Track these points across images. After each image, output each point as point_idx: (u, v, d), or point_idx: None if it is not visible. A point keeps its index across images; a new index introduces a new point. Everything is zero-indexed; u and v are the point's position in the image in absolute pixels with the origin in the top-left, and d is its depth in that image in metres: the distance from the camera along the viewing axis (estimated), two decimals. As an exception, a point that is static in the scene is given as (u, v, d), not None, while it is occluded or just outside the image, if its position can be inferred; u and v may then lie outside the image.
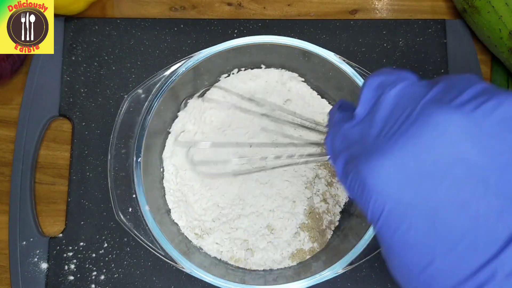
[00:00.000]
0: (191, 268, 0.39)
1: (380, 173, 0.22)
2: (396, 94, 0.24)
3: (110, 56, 0.51)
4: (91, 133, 0.49)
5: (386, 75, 0.26)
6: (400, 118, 0.23)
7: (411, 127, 0.22)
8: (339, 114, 0.29)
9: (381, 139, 0.24)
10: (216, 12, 0.53)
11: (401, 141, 0.22)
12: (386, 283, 0.46)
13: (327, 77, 0.46)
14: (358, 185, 0.24)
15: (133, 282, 0.46)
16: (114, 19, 0.52)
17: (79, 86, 0.50)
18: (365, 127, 0.25)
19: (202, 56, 0.43)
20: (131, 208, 0.41)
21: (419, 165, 0.22)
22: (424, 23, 0.51)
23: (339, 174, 0.26)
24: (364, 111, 0.26)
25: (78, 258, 0.46)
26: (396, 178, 0.22)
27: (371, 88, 0.26)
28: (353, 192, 0.24)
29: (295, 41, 0.43)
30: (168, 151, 0.46)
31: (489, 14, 0.47)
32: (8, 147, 0.50)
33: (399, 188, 0.22)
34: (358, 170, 0.24)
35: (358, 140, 0.25)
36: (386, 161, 0.22)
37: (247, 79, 0.48)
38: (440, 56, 0.50)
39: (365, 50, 0.51)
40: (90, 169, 0.48)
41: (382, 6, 0.53)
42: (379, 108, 0.25)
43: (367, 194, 0.23)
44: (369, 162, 0.23)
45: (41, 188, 0.49)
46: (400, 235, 0.22)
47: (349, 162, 0.25)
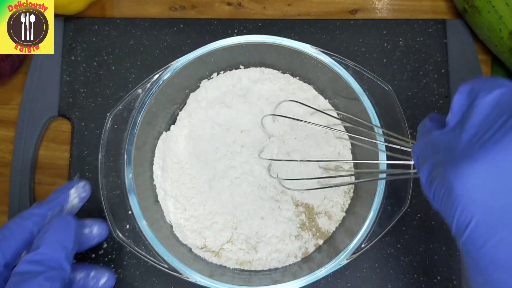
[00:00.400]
0: (196, 277, 0.39)
1: (469, 180, 0.21)
2: (492, 99, 0.23)
3: (109, 56, 0.51)
4: (90, 133, 0.49)
5: (480, 82, 0.24)
6: (496, 125, 0.22)
7: (507, 135, 0.21)
8: (429, 123, 0.27)
9: (472, 145, 0.22)
10: (216, 11, 0.53)
11: (495, 148, 0.21)
12: (386, 283, 0.46)
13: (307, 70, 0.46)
14: (444, 192, 0.22)
15: (132, 283, 0.46)
16: (114, 19, 0.52)
17: (79, 86, 0.50)
18: (456, 133, 0.24)
19: (179, 64, 0.43)
20: (128, 225, 0.41)
21: (511, 176, 0.20)
22: (425, 23, 0.51)
23: (423, 183, 0.25)
24: (456, 117, 0.25)
25: (77, 259, 0.46)
26: (487, 187, 0.21)
27: (463, 94, 0.24)
28: (438, 200, 0.23)
29: (273, 39, 0.44)
30: (158, 163, 0.46)
31: (490, 14, 0.47)
32: (7, 147, 0.49)
33: (490, 198, 0.21)
34: (445, 176, 0.22)
35: (447, 147, 0.24)
36: (477, 167, 0.21)
37: (229, 80, 0.48)
38: (440, 56, 0.50)
39: (365, 50, 0.50)
40: (89, 169, 0.48)
41: (382, 6, 0.53)
42: (473, 113, 0.23)
43: (453, 202, 0.22)
44: (457, 168, 0.22)
45: (40, 188, 0.49)
46: (488, 250, 0.21)
47: (435, 169, 0.24)
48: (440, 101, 0.49)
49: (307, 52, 0.43)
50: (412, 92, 0.50)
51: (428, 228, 0.47)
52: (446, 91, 0.49)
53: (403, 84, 0.50)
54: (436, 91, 0.50)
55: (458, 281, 0.46)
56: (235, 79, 0.48)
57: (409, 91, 0.49)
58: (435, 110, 0.49)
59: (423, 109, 0.49)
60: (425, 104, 0.49)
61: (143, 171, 0.45)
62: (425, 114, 0.48)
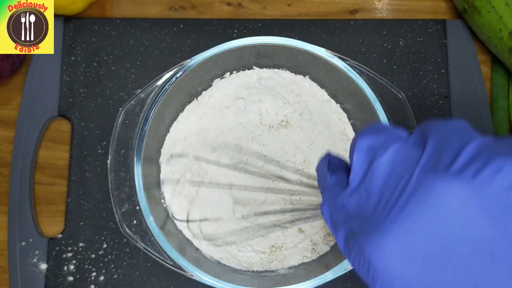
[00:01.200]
0: (200, 275, 0.39)
1: (384, 253, 0.21)
2: (388, 160, 0.23)
3: (109, 56, 0.51)
4: (90, 133, 0.49)
5: (375, 135, 0.25)
6: (397, 189, 0.22)
7: (409, 202, 0.21)
8: (331, 178, 0.27)
9: (379, 213, 0.23)
10: (215, 12, 0.53)
11: (401, 218, 0.21)
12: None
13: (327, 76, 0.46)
14: (363, 263, 0.22)
15: (132, 283, 0.46)
16: (114, 19, 0.52)
17: (79, 86, 0.50)
18: (362, 197, 0.24)
19: (193, 62, 0.43)
20: (135, 220, 0.41)
21: (423, 243, 0.21)
22: (424, 23, 0.51)
23: (342, 248, 0.25)
24: (358, 177, 0.25)
25: (77, 259, 0.46)
26: (400, 259, 0.21)
27: (362, 151, 0.25)
28: (358, 269, 0.23)
29: (289, 41, 0.43)
30: (165, 160, 0.46)
31: (490, 14, 0.47)
32: (7, 148, 0.49)
33: (405, 268, 0.21)
34: (361, 248, 0.22)
35: (357, 213, 0.24)
36: (388, 241, 0.21)
37: (241, 80, 0.48)
38: (440, 56, 0.50)
39: (365, 50, 0.50)
40: (89, 169, 0.48)
41: (382, 6, 0.53)
42: (373, 178, 0.24)
43: (373, 274, 0.22)
44: (371, 241, 0.22)
45: (40, 188, 0.49)
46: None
47: (350, 237, 0.24)
48: (440, 101, 0.49)
49: (322, 55, 0.43)
50: (412, 92, 0.49)
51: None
52: (446, 92, 0.49)
53: (403, 84, 0.50)
54: (436, 92, 0.49)
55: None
56: (247, 79, 0.48)
57: (409, 91, 0.49)
58: (435, 110, 0.49)
59: (423, 109, 0.49)
60: (425, 104, 0.49)
61: (151, 167, 0.45)
62: (425, 114, 0.49)
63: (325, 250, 0.44)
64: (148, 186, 0.42)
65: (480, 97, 0.49)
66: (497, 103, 0.50)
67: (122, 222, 0.40)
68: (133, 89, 0.50)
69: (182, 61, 0.44)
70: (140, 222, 0.41)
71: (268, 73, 0.48)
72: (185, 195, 0.45)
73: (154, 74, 0.50)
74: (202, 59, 0.43)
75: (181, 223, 0.45)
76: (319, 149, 0.46)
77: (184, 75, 0.43)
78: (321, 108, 0.47)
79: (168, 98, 0.43)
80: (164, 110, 0.44)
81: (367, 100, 0.42)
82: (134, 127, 0.42)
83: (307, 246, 0.44)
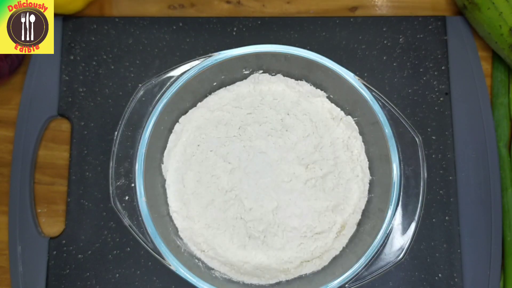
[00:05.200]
0: (178, 266, 0.38)
1: None
2: None
3: (108, 55, 0.50)
4: (90, 132, 0.49)
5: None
6: None
7: None
8: None
9: None
10: (215, 10, 0.53)
11: None
12: (387, 281, 0.46)
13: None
14: None
15: (133, 282, 0.46)
16: (113, 18, 0.51)
17: (78, 86, 0.50)
18: None
19: (221, 57, 0.42)
20: (127, 197, 0.40)
21: None
22: (425, 20, 0.51)
23: None
24: None
25: (78, 259, 0.46)
26: None
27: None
28: None
29: (316, 56, 0.42)
30: (170, 148, 0.45)
31: (490, 11, 0.46)
32: (7, 148, 0.49)
33: None
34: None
35: None
36: None
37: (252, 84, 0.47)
38: (440, 53, 0.50)
39: (365, 48, 0.50)
40: (89, 169, 0.48)
41: (382, 3, 0.53)
42: None
43: None
44: None
45: (40, 188, 0.49)
46: None
47: None
48: (440, 98, 0.49)
49: (349, 80, 0.42)
50: (412, 89, 0.49)
51: (429, 226, 0.47)
52: (446, 88, 0.49)
53: (403, 81, 0.50)
54: (437, 88, 0.49)
55: (460, 278, 0.46)
56: (256, 83, 0.47)
57: (409, 88, 0.49)
58: (436, 107, 0.49)
59: (423, 106, 0.49)
60: (425, 101, 0.49)
61: (156, 155, 0.44)
62: (426, 112, 0.49)
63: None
64: (149, 167, 0.41)
65: (480, 93, 0.49)
66: (497, 100, 0.50)
67: (115, 195, 0.39)
68: (133, 87, 0.49)
69: (182, 60, 0.43)
70: (132, 199, 0.40)
71: (280, 82, 0.46)
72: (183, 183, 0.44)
73: (153, 72, 0.49)
74: (234, 55, 0.42)
75: (177, 220, 0.44)
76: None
77: (212, 65, 0.42)
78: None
79: (188, 85, 0.42)
80: (182, 95, 0.43)
81: (383, 133, 0.41)
82: (149, 105, 0.41)
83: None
